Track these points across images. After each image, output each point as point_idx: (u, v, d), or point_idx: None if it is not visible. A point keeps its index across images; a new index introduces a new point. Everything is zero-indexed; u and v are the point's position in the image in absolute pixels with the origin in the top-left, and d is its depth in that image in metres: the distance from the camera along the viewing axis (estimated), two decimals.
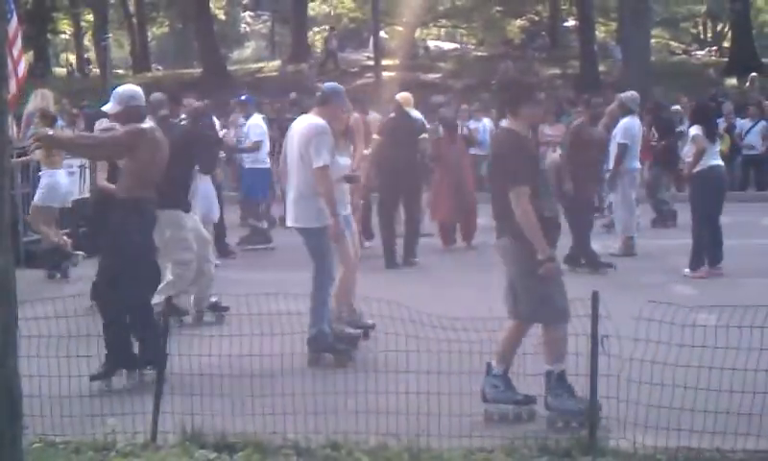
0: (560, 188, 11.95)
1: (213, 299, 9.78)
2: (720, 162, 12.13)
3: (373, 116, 14.92)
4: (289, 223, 8.37)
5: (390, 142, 12.97)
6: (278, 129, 16.19)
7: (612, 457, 5.73)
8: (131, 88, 8.04)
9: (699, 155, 11.70)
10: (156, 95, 10.99)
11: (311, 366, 7.91)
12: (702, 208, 11.82)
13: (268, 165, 15.16)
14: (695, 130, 11.89)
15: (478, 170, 18.43)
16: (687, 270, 11.81)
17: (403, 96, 13.72)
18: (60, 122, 15.23)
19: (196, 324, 9.53)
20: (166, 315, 8.27)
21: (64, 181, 12.59)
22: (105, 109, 8.21)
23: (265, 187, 15.52)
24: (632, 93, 14.22)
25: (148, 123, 7.95)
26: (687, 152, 12.29)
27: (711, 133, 12.02)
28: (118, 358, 7.46)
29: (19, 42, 12.14)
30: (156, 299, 9.22)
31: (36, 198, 12.40)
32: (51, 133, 7.84)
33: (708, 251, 11.82)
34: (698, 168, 11.71)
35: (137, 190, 7.70)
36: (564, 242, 12.19)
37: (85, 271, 12.55)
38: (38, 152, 12.12)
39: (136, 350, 7.68)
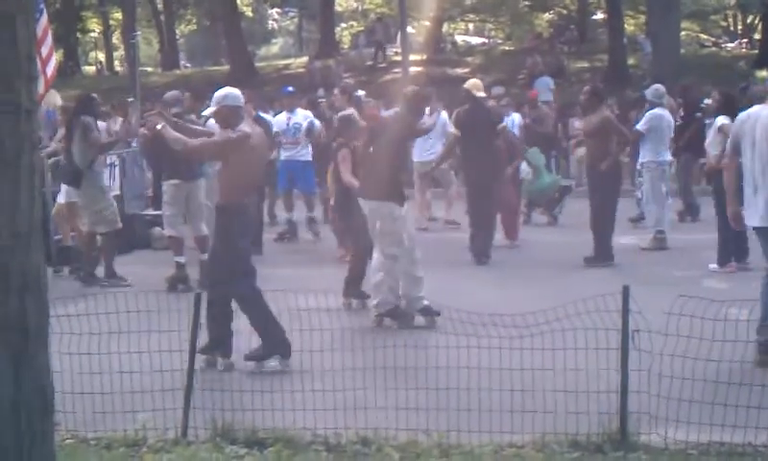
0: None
1: (425, 302, 9.16)
2: None
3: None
4: (761, 223, 7.66)
5: (469, 136, 12.36)
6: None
7: (644, 452, 5.71)
8: (226, 89, 8.03)
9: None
10: (172, 93, 11.24)
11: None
12: (724, 204, 11.66)
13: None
14: (724, 119, 11.70)
15: None
16: (714, 265, 11.61)
17: (474, 83, 12.99)
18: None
19: (406, 326, 9.06)
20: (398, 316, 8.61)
21: None
22: (205, 113, 8.29)
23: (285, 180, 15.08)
24: (656, 87, 14.07)
25: (246, 127, 7.87)
26: (712, 142, 11.97)
27: None
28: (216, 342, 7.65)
29: (49, 41, 12.13)
30: (375, 300, 9.27)
31: (59, 197, 12.47)
32: (160, 126, 7.88)
33: (734, 246, 11.63)
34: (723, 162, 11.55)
35: (233, 196, 7.71)
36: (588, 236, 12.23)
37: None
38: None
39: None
